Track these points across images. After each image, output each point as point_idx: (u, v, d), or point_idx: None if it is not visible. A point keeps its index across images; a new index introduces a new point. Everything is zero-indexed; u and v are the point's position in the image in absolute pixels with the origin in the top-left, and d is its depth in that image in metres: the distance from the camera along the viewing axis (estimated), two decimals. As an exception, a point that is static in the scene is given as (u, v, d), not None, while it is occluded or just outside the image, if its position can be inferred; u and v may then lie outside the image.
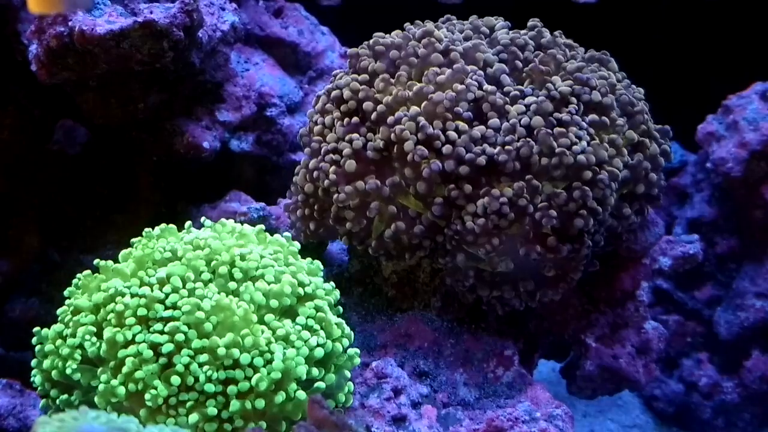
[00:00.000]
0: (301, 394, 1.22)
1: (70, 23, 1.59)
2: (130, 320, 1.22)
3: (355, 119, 1.45)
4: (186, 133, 1.77)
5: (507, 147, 1.37)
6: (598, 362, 1.65)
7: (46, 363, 1.27)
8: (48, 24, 1.61)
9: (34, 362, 1.30)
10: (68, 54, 1.61)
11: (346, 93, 1.46)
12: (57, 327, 1.29)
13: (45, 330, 1.30)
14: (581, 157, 1.37)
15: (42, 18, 1.61)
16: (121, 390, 1.19)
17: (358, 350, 1.34)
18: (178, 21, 1.61)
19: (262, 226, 1.42)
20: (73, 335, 1.25)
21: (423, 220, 1.41)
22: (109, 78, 1.66)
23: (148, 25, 1.59)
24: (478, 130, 1.39)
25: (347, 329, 1.33)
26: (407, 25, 1.56)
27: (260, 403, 1.19)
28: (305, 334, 1.25)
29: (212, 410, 1.18)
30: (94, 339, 1.23)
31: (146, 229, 1.38)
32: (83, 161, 1.85)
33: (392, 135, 1.40)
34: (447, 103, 1.39)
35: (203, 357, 1.19)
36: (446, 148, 1.37)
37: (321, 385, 1.25)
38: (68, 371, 1.24)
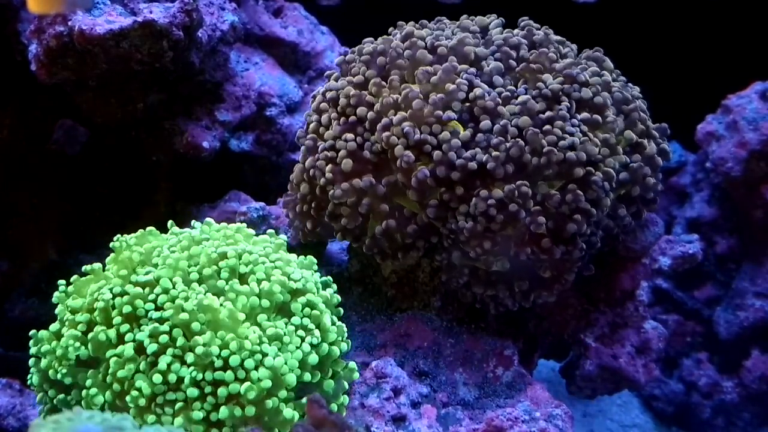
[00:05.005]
0: (288, 412, 1.20)
1: (69, 23, 1.59)
2: (117, 320, 1.22)
3: (352, 118, 1.45)
4: (186, 132, 1.77)
5: (495, 152, 1.36)
6: (597, 362, 1.65)
7: (43, 362, 1.27)
8: (48, 24, 1.61)
9: (32, 361, 1.30)
10: (68, 54, 1.61)
11: (342, 99, 1.46)
12: (54, 327, 1.29)
13: (42, 332, 1.29)
14: (570, 154, 1.37)
15: (42, 18, 1.61)
16: (100, 398, 1.19)
17: (356, 367, 1.33)
18: (177, 21, 1.61)
19: (243, 225, 1.40)
20: (66, 336, 1.25)
21: (418, 220, 1.41)
22: (109, 78, 1.66)
23: (147, 24, 1.59)
24: (466, 136, 1.38)
25: (345, 334, 1.32)
26: (391, 29, 1.56)
27: (251, 411, 1.18)
28: (300, 334, 1.24)
29: (197, 414, 1.17)
30: (78, 344, 1.23)
31: (117, 236, 1.36)
32: (83, 161, 1.85)
33: (383, 141, 1.40)
34: (431, 108, 1.38)
35: (189, 358, 1.19)
36: (436, 154, 1.37)
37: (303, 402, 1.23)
38: (59, 376, 1.24)
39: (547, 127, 1.38)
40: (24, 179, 1.84)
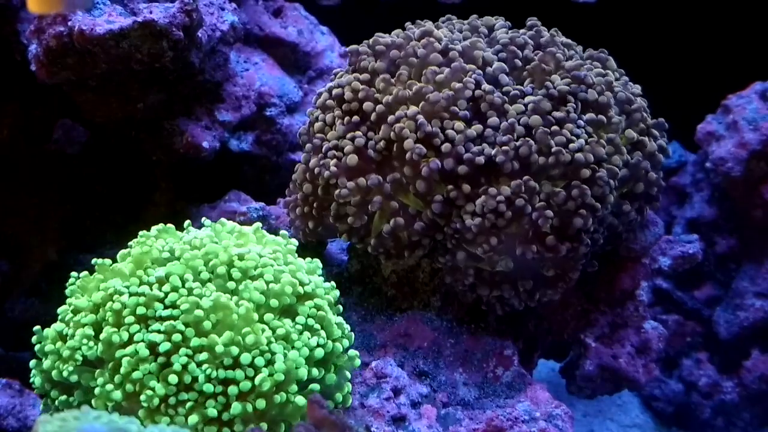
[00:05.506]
0: (300, 399, 1.21)
1: (69, 23, 1.59)
2: (129, 319, 1.21)
3: (356, 118, 1.45)
4: (185, 132, 1.77)
5: (504, 147, 1.37)
6: (597, 362, 1.65)
7: (46, 363, 1.27)
8: (48, 24, 1.61)
9: (32, 363, 1.30)
10: (68, 54, 1.61)
11: (347, 93, 1.47)
12: (57, 326, 1.28)
13: (46, 330, 1.29)
14: (579, 156, 1.38)
15: (41, 18, 1.61)
16: (117, 394, 1.19)
17: (357, 353, 1.34)
18: (177, 21, 1.61)
19: (259, 224, 1.41)
20: (74, 336, 1.25)
21: (423, 217, 1.42)
22: (109, 78, 1.66)
23: (147, 24, 1.59)
24: (477, 129, 1.39)
25: (348, 330, 1.33)
26: (408, 24, 1.57)
27: (261, 404, 1.19)
28: (306, 334, 1.25)
29: (212, 411, 1.17)
30: (91, 343, 1.23)
31: (142, 231, 1.37)
32: (83, 161, 1.85)
33: (392, 134, 1.40)
34: (444, 103, 1.40)
35: (202, 356, 1.19)
36: (445, 147, 1.38)
37: (315, 386, 1.25)
38: (65, 374, 1.24)
39: (557, 128, 1.39)
40: (24, 179, 1.84)
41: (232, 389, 1.18)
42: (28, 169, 1.84)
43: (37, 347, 1.29)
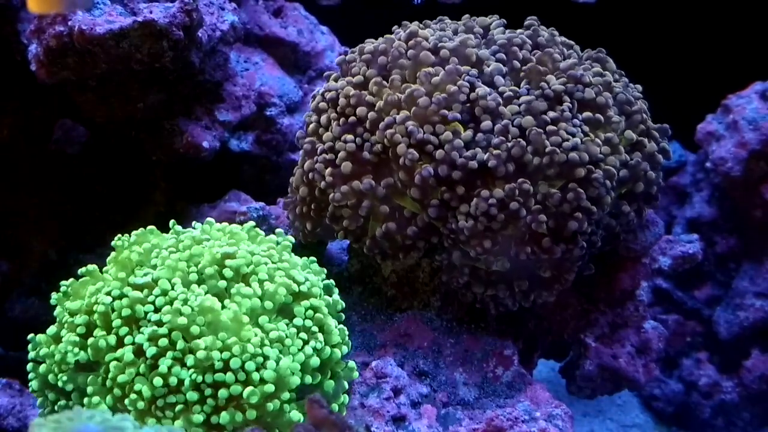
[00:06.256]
0: (296, 415, 1.19)
1: (69, 23, 1.59)
2: (117, 322, 1.20)
3: (352, 119, 1.45)
4: (185, 132, 1.77)
5: (496, 151, 1.36)
6: (597, 362, 1.65)
7: (43, 367, 1.26)
8: (48, 23, 1.61)
9: (30, 366, 1.29)
10: (68, 54, 1.61)
11: (342, 100, 1.46)
12: (51, 330, 1.27)
13: (39, 336, 1.28)
14: (573, 155, 1.37)
15: (41, 17, 1.61)
16: (103, 407, 1.18)
17: (355, 365, 1.32)
18: (177, 21, 1.61)
19: (252, 223, 1.39)
20: (68, 341, 1.24)
21: (418, 220, 1.41)
22: (109, 78, 1.66)
23: (147, 24, 1.59)
24: (470, 133, 1.39)
25: (347, 336, 1.31)
26: (395, 28, 1.56)
27: (252, 414, 1.17)
28: (302, 336, 1.24)
29: (197, 417, 1.16)
30: (77, 350, 1.22)
31: (118, 236, 1.35)
32: (83, 161, 1.85)
33: (385, 139, 1.40)
34: (434, 107, 1.39)
35: (190, 360, 1.17)
36: (438, 153, 1.37)
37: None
38: (60, 384, 1.23)
39: (551, 127, 1.38)
40: (24, 179, 1.84)
41: (222, 393, 1.17)
42: (28, 169, 1.84)
43: (32, 354, 1.28)
